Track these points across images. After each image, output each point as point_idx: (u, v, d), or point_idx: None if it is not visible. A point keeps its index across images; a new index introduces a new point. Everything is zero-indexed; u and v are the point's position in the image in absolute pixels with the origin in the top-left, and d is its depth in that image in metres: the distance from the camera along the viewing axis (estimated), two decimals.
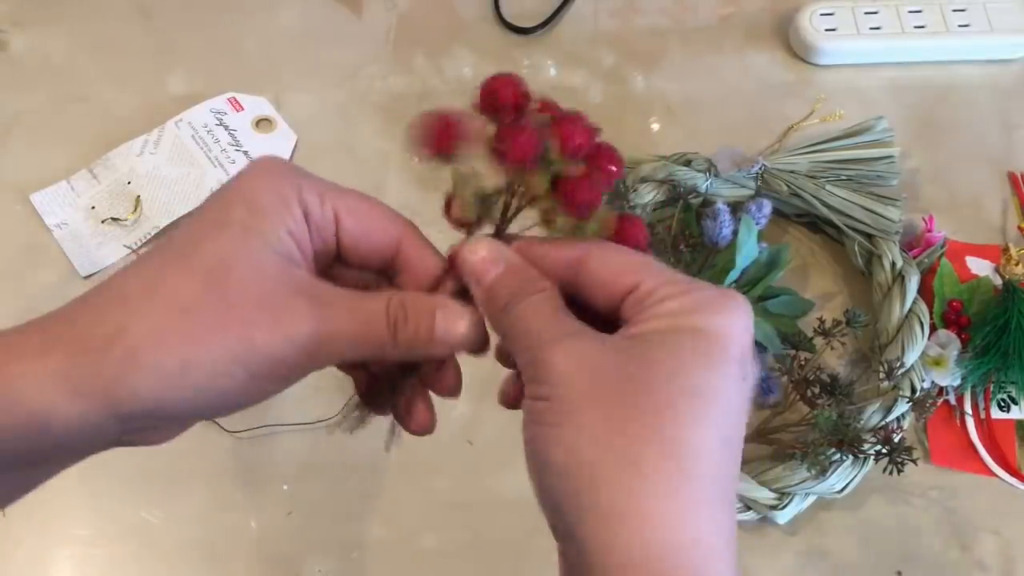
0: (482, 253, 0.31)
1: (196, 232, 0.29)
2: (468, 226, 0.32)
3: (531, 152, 0.28)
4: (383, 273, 0.34)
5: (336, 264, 0.33)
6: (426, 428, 0.34)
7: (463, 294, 0.32)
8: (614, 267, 0.31)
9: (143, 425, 0.29)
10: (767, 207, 0.62)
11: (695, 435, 0.27)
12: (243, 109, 0.72)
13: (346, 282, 0.32)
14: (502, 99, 0.29)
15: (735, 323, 0.29)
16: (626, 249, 0.31)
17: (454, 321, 0.31)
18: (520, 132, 0.28)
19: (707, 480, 0.27)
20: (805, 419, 0.57)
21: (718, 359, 0.28)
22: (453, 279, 0.32)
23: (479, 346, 0.32)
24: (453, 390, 0.34)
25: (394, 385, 0.33)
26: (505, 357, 0.34)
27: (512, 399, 0.34)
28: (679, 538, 0.27)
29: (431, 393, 0.35)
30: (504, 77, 0.30)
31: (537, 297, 0.30)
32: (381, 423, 0.36)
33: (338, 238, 0.32)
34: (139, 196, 0.67)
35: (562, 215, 0.30)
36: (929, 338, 0.59)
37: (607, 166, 0.30)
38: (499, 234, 0.32)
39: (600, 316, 0.31)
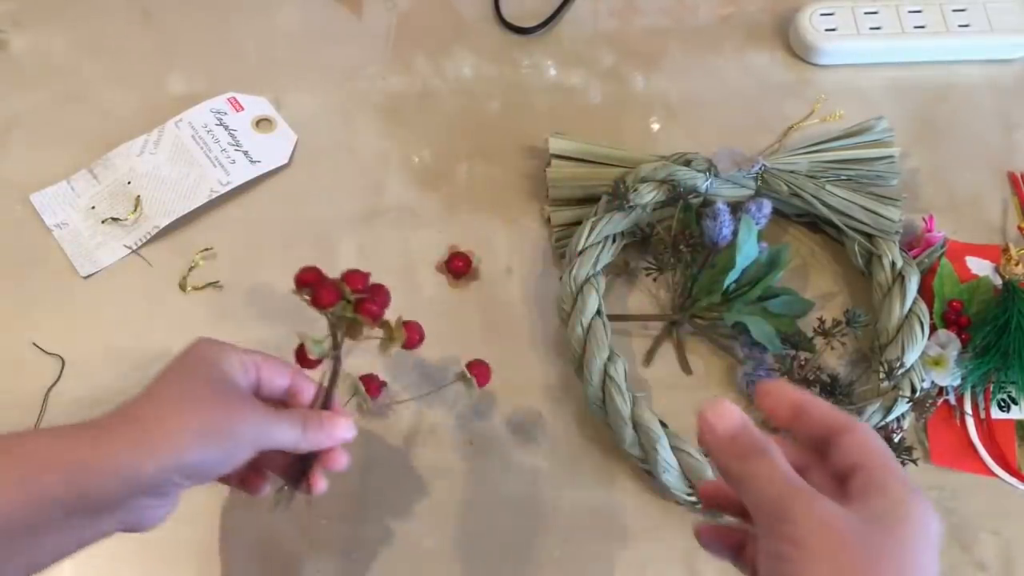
0: (723, 407, 0.37)
1: (181, 371, 0.44)
2: (315, 363, 0.48)
3: (335, 298, 0.45)
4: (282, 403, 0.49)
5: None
6: (322, 490, 0.49)
7: (325, 406, 0.48)
8: (858, 447, 0.36)
9: (174, 480, 0.41)
10: (767, 207, 0.62)
11: None
12: (243, 109, 0.72)
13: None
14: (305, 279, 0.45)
15: (938, 521, 0.34)
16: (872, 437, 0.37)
17: (339, 425, 0.47)
18: (325, 287, 0.45)
19: None
20: None
21: (934, 548, 0.33)
22: (317, 399, 0.48)
23: (347, 434, 0.47)
24: (341, 466, 0.48)
25: (303, 468, 0.48)
26: (711, 500, 0.43)
27: (711, 540, 0.42)
28: None
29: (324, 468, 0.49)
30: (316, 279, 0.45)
31: (773, 454, 0.36)
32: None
33: (258, 377, 0.47)
34: (139, 196, 0.67)
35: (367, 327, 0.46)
36: (929, 338, 0.59)
37: (380, 296, 0.45)
38: (336, 358, 0.47)
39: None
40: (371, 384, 0.59)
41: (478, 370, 0.56)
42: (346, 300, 0.45)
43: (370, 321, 0.45)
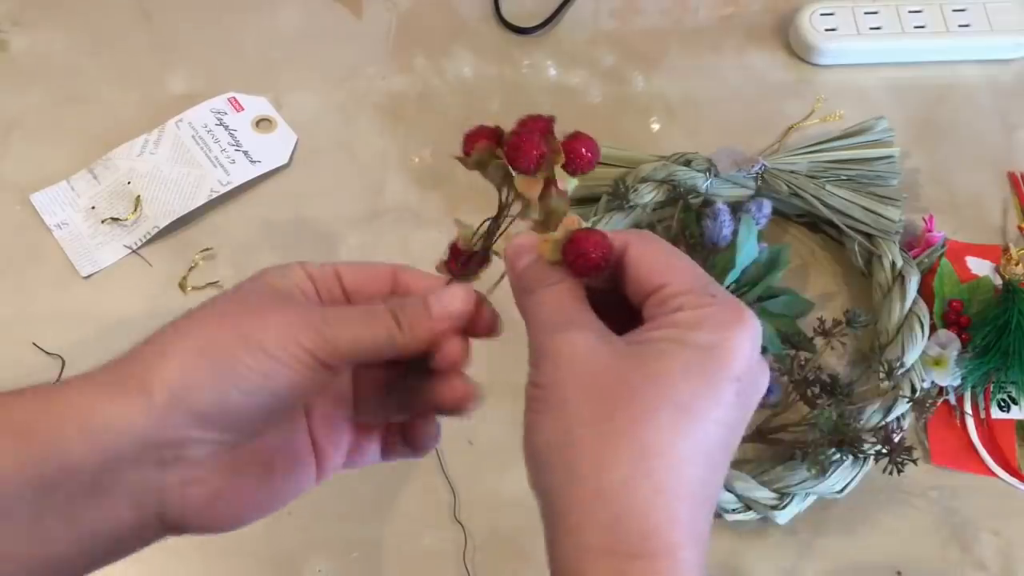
0: (519, 242, 0.34)
1: (219, 295, 0.33)
2: (468, 257, 0.36)
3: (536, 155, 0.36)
4: None
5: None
6: (429, 445, 0.38)
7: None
8: (648, 263, 0.32)
9: (179, 433, 0.30)
10: (767, 207, 0.62)
11: (672, 446, 0.29)
12: (243, 109, 0.72)
13: None
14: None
15: (740, 342, 0.30)
16: (666, 247, 0.33)
17: (446, 297, 0.34)
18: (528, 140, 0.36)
19: (681, 488, 0.29)
20: (805, 419, 0.57)
21: (713, 377, 0.29)
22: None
23: (479, 323, 0.35)
24: (469, 399, 0.37)
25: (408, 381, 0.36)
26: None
27: None
28: (639, 526, 0.28)
29: (439, 416, 0.38)
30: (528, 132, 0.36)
31: (559, 286, 0.32)
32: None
33: (343, 288, 0.35)
34: (139, 196, 0.67)
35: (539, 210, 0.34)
36: (929, 338, 0.59)
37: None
38: (491, 235, 0.36)
39: (634, 314, 0.32)
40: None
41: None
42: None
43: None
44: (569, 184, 0.35)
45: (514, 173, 0.35)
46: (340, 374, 0.34)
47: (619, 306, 0.33)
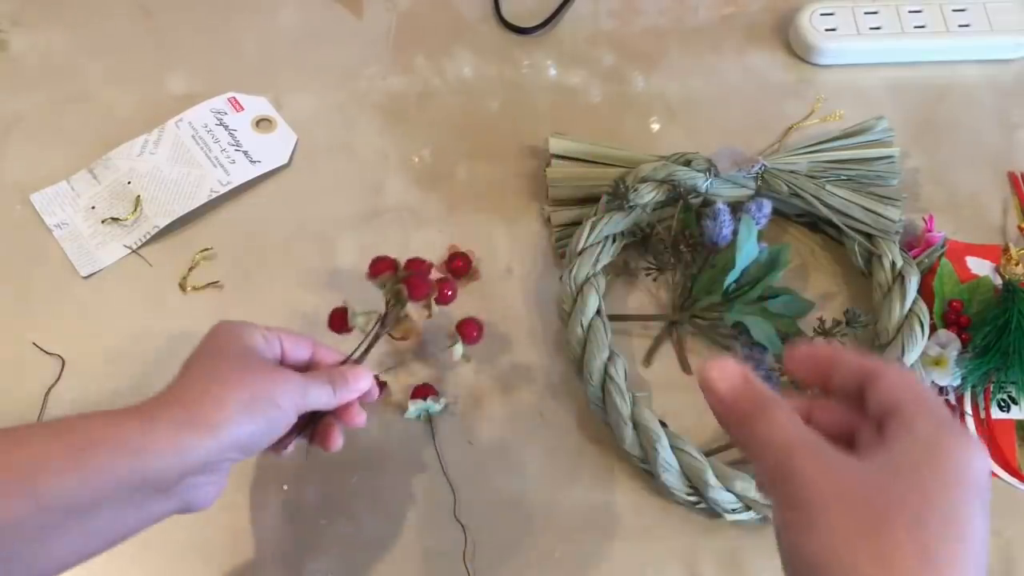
0: (725, 371, 0.35)
1: (209, 351, 0.46)
2: (345, 330, 0.54)
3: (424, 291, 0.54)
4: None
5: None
6: (339, 447, 0.50)
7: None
8: (893, 383, 0.34)
9: (227, 456, 0.43)
10: (767, 207, 0.62)
11: (949, 552, 0.29)
12: (243, 109, 0.72)
13: None
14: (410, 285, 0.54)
15: (979, 460, 0.31)
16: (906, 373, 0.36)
17: (360, 379, 0.50)
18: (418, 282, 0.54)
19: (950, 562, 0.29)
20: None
21: (967, 491, 0.31)
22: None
23: (374, 393, 0.51)
24: (360, 422, 0.50)
25: (314, 421, 0.51)
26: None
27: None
28: None
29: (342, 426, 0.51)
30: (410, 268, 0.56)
31: (780, 411, 0.33)
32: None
33: (282, 350, 0.49)
34: (139, 196, 0.67)
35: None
36: (929, 338, 0.59)
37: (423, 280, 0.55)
38: (378, 328, 0.53)
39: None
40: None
41: (467, 329, 0.59)
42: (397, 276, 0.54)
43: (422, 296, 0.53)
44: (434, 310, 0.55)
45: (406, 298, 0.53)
46: None
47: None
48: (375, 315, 0.53)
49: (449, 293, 0.56)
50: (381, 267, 0.54)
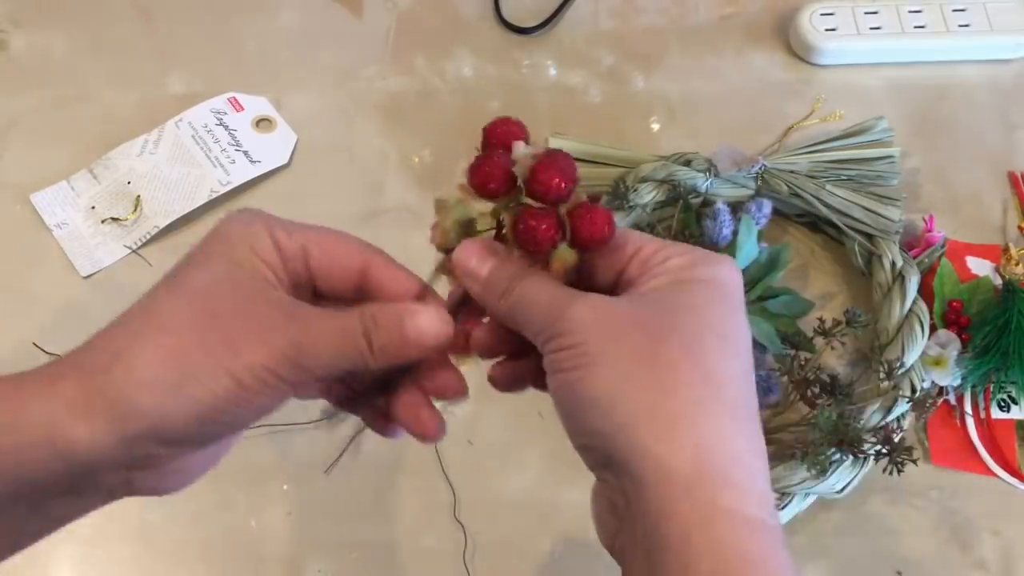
0: (471, 249, 0.34)
1: (181, 270, 0.32)
2: (450, 251, 0.34)
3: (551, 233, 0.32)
4: (359, 302, 0.34)
5: (315, 299, 0.35)
6: (433, 432, 0.35)
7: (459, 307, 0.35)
8: (616, 237, 0.34)
9: (146, 453, 0.30)
10: (767, 207, 0.62)
11: (723, 365, 0.30)
12: (243, 109, 0.72)
13: None
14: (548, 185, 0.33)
15: (733, 275, 0.32)
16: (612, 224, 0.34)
17: (423, 321, 0.32)
18: (544, 216, 0.32)
19: (738, 404, 0.30)
20: (805, 419, 0.57)
21: (730, 303, 0.32)
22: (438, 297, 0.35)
23: (457, 345, 0.35)
24: (456, 392, 0.35)
25: (386, 388, 0.35)
26: (488, 348, 0.36)
27: (504, 380, 0.36)
28: (720, 449, 0.29)
29: (437, 400, 0.36)
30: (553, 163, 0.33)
31: (535, 276, 0.33)
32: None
33: (310, 268, 0.34)
34: (139, 196, 0.67)
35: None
36: (929, 338, 0.59)
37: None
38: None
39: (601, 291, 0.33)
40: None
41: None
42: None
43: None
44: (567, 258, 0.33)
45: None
46: None
47: None
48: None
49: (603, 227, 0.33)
50: (492, 175, 0.33)
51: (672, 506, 0.28)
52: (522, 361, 0.36)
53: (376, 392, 0.36)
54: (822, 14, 0.74)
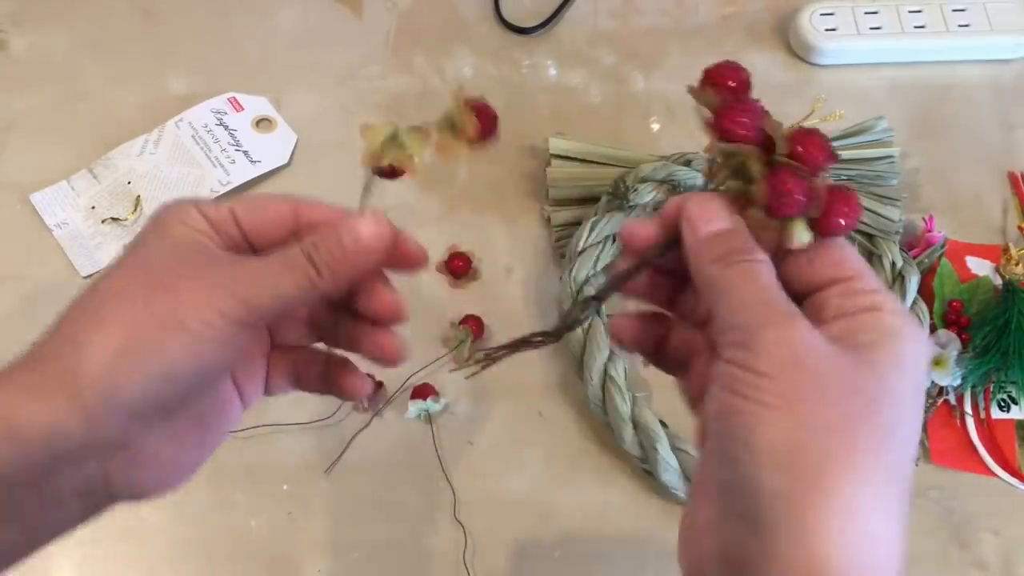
0: (708, 203, 0.31)
1: (122, 256, 0.32)
2: (379, 169, 0.36)
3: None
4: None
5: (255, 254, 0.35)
6: (393, 353, 0.35)
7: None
8: (834, 248, 0.31)
9: (112, 428, 0.29)
10: None
11: (905, 431, 0.28)
12: (243, 109, 0.72)
13: None
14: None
15: (927, 350, 0.30)
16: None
17: (359, 228, 0.32)
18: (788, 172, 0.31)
19: (904, 477, 0.28)
20: None
21: (922, 372, 0.29)
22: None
23: (402, 256, 0.34)
24: (393, 313, 0.34)
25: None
26: (633, 341, 0.35)
27: (634, 338, 0.36)
28: (872, 553, 0.26)
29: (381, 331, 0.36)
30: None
31: (759, 265, 0.30)
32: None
33: (242, 229, 0.33)
34: (139, 196, 0.67)
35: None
36: (929, 338, 0.59)
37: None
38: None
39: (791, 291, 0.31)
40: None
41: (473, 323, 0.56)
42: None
43: None
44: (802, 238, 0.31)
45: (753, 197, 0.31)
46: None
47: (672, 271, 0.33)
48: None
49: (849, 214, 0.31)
50: (742, 120, 0.35)
51: None
52: (657, 322, 0.34)
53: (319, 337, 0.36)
54: (822, 14, 0.74)
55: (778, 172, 0.30)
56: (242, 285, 0.30)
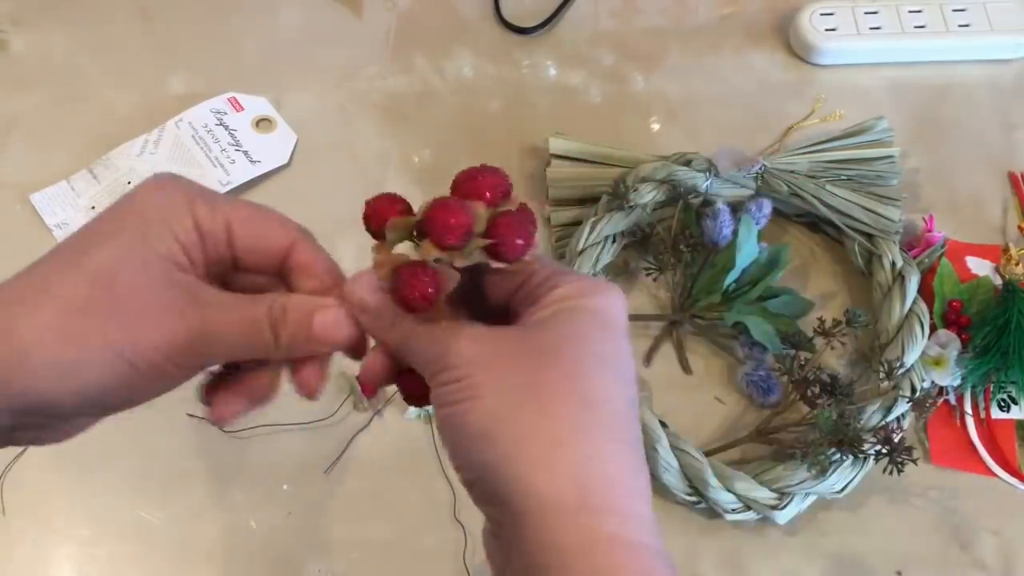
0: (362, 281, 0.33)
1: (87, 239, 0.31)
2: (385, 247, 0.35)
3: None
4: (280, 277, 0.35)
5: (235, 271, 0.34)
6: (312, 389, 0.35)
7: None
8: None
9: (35, 422, 0.31)
10: (767, 207, 0.62)
11: (603, 389, 0.30)
12: (243, 109, 0.72)
13: (244, 287, 0.34)
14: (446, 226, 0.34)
15: (618, 304, 0.32)
16: None
17: (331, 319, 0.32)
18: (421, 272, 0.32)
19: (619, 428, 0.30)
20: (805, 419, 0.57)
21: (612, 332, 0.32)
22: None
23: (359, 347, 0.34)
24: (314, 386, 0.34)
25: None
26: (374, 375, 0.34)
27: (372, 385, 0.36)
28: (601, 473, 0.29)
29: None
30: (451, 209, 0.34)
31: (410, 320, 0.32)
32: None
33: (233, 247, 0.33)
34: None
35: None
36: (929, 338, 0.59)
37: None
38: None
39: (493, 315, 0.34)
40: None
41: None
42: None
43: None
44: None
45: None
46: None
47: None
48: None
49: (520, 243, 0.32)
50: (386, 212, 0.36)
51: (551, 536, 0.28)
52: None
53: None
54: (822, 14, 0.74)
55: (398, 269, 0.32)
56: (197, 334, 0.30)
